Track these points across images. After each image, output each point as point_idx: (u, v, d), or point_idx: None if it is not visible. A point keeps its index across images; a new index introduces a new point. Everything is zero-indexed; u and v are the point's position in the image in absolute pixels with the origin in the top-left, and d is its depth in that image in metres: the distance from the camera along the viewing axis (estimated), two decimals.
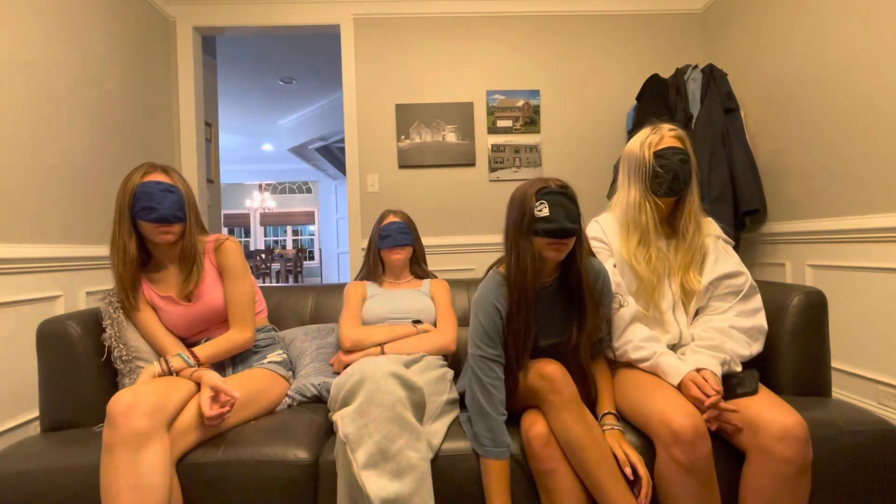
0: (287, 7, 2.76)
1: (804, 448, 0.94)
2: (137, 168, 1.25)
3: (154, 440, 0.95)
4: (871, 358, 1.82)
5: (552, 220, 1.04)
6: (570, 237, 1.05)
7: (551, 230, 1.03)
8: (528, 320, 1.10)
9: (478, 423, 1.08)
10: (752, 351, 1.18)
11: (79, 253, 1.93)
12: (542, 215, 1.05)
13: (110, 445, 0.92)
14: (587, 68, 2.85)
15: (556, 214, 1.04)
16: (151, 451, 0.94)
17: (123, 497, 0.89)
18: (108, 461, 0.92)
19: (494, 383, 1.08)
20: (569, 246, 1.08)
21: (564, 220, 1.04)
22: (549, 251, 1.07)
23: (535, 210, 1.05)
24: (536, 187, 1.08)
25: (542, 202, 1.05)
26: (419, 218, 2.76)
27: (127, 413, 0.94)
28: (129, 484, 0.90)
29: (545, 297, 1.17)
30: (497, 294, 1.11)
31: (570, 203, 1.06)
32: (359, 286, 1.60)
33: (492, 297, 1.11)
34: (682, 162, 1.21)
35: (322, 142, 6.09)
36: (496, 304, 1.10)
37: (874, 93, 1.79)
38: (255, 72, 4.20)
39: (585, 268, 1.12)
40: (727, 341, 1.16)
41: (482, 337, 1.10)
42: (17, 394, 1.64)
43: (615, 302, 1.21)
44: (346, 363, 1.38)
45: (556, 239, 1.04)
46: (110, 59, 2.19)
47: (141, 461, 0.92)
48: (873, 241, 1.80)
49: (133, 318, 1.28)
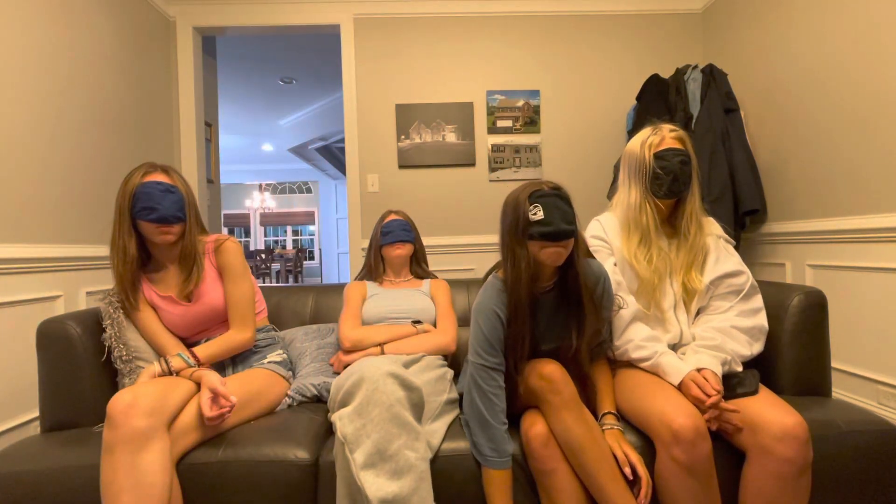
0: (287, 7, 2.76)
1: (804, 448, 0.93)
2: (138, 168, 1.25)
3: (154, 440, 0.95)
4: (871, 358, 1.82)
5: (548, 223, 1.02)
6: (566, 239, 1.04)
7: (547, 233, 1.02)
8: (525, 326, 1.09)
9: (478, 434, 1.07)
10: (752, 351, 1.18)
11: (79, 253, 1.93)
12: (536, 219, 1.03)
13: (110, 445, 0.92)
14: (587, 68, 2.85)
15: (551, 217, 1.02)
16: (151, 450, 0.94)
17: (123, 497, 0.89)
18: (108, 461, 0.92)
19: (496, 391, 1.07)
20: (567, 249, 1.06)
21: (560, 222, 1.02)
22: (546, 255, 1.05)
23: (530, 214, 1.04)
24: (529, 191, 1.06)
25: (535, 205, 1.04)
26: (419, 218, 2.77)
27: (127, 413, 0.94)
28: (129, 484, 0.90)
29: (545, 303, 1.16)
30: (498, 301, 1.09)
31: (564, 205, 1.05)
32: (359, 286, 1.60)
33: (492, 304, 1.09)
34: (682, 164, 1.21)
35: (322, 142, 6.10)
36: (497, 311, 1.09)
37: (874, 93, 1.79)
38: (255, 72, 4.19)
39: (583, 270, 1.11)
40: (728, 341, 1.16)
41: (483, 345, 1.08)
42: (17, 394, 1.64)
43: (615, 304, 1.21)
44: (346, 363, 1.38)
45: (552, 241, 1.03)
46: (110, 59, 2.19)
47: (141, 461, 0.92)
48: (873, 241, 1.80)
49: (133, 318, 1.28)
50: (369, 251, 1.71)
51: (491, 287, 1.12)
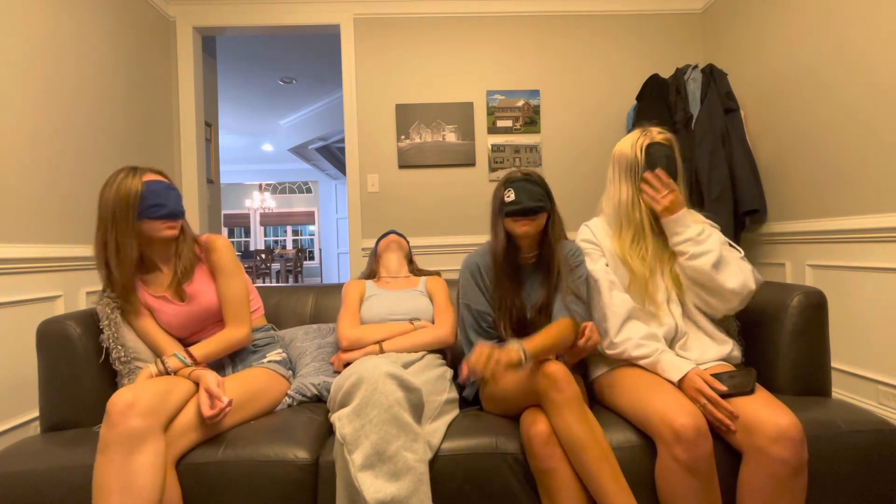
0: (287, 7, 2.76)
1: (799, 448, 0.94)
2: (125, 172, 1.21)
3: (149, 441, 0.95)
4: (871, 358, 1.82)
5: (517, 203, 1.23)
6: (533, 215, 1.23)
7: (514, 211, 1.23)
8: (507, 289, 1.29)
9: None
10: (732, 285, 1.16)
11: (79, 253, 1.93)
12: (509, 200, 1.24)
13: (105, 443, 0.93)
14: (587, 68, 2.85)
15: (520, 197, 1.23)
16: (145, 452, 0.94)
17: (114, 498, 0.90)
18: (103, 460, 0.93)
19: (479, 332, 1.30)
20: (537, 222, 1.25)
21: (527, 201, 1.22)
22: (519, 228, 1.24)
23: (505, 196, 1.26)
24: (505, 178, 1.29)
25: (509, 189, 1.25)
26: (419, 218, 2.78)
27: (125, 412, 0.94)
28: (119, 484, 0.90)
29: (529, 272, 1.33)
30: (478, 258, 1.34)
31: (532, 186, 1.24)
32: (357, 285, 1.61)
33: (475, 258, 1.34)
34: (668, 158, 1.24)
35: (322, 142, 6.09)
36: (477, 263, 1.33)
37: (874, 92, 1.79)
38: (255, 72, 4.20)
39: (558, 242, 1.29)
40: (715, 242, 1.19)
41: (466, 295, 1.32)
42: (17, 394, 1.64)
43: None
44: (347, 361, 1.38)
45: (521, 217, 1.23)
46: (110, 58, 2.20)
47: (133, 462, 0.92)
48: (873, 241, 1.80)
49: (130, 321, 1.27)
50: (371, 257, 1.81)
51: (479, 249, 1.37)
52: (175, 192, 1.26)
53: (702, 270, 1.18)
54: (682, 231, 1.21)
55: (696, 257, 1.18)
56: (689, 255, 1.19)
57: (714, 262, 1.17)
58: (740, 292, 1.17)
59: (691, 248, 1.19)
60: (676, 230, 1.21)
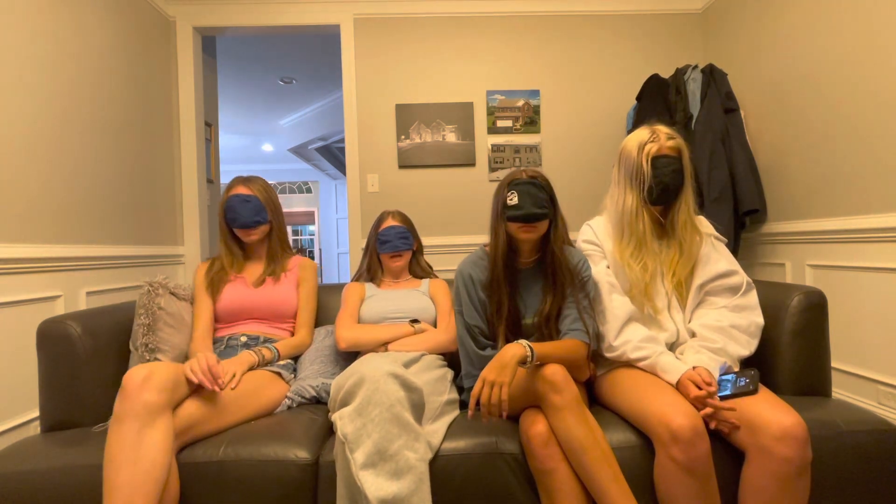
0: (287, 7, 2.76)
1: (803, 448, 0.94)
2: (229, 185, 1.53)
3: (161, 417, 0.98)
4: (871, 358, 1.82)
5: (520, 208, 1.17)
6: (536, 221, 1.18)
7: (517, 216, 1.18)
8: (503, 294, 1.24)
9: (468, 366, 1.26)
10: (751, 349, 1.19)
11: (79, 253, 1.93)
12: (511, 203, 1.19)
13: (120, 416, 0.95)
14: (587, 68, 2.85)
15: (523, 202, 1.17)
16: (157, 427, 0.96)
17: (124, 470, 0.91)
18: (116, 432, 0.94)
19: (474, 344, 1.25)
20: (538, 228, 1.20)
21: (531, 207, 1.17)
22: (521, 233, 1.20)
23: (507, 199, 1.20)
24: (509, 179, 1.23)
25: (512, 192, 1.19)
26: (419, 218, 2.76)
27: (142, 385, 0.97)
28: (130, 458, 0.92)
29: (527, 276, 1.29)
30: (472, 265, 1.29)
31: (537, 191, 1.18)
32: (357, 287, 1.60)
33: (468, 268, 1.29)
34: (675, 173, 1.21)
35: (322, 142, 6.09)
36: (471, 273, 1.28)
37: (874, 92, 1.79)
38: (254, 72, 4.19)
39: (560, 248, 1.23)
40: (729, 343, 1.16)
41: (466, 307, 1.27)
42: (17, 394, 1.64)
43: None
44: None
45: (523, 223, 1.18)
46: (110, 58, 2.19)
47: (145, 436, 0.94)
48: (873, 241, 1.80)
49: (200, 291, 1.46)
50: (366, 253, 1.70)
51: (472, 255, 1.33)
52: (249, 205, 1.47)
53: (750, 354, 1.19)
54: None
55: (741, 360, 1.19)
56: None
57: (746, 356, 1.18)
58: (755, 342, 1.20)
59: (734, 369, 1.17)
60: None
